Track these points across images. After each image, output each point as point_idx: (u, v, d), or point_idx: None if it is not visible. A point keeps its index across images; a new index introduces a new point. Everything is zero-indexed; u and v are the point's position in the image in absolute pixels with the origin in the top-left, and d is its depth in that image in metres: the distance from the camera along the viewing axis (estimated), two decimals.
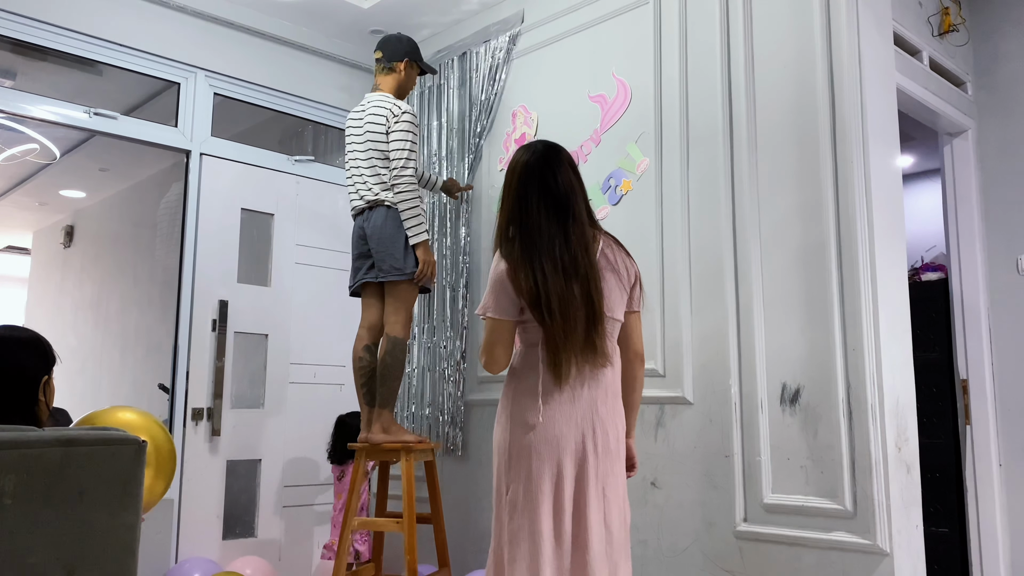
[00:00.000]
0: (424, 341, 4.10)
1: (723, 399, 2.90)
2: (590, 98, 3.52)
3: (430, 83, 4.29)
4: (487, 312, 2.20)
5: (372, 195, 3.30)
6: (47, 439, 1.58)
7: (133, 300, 5.63)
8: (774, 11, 2.95)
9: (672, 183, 3.16)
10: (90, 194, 6.45)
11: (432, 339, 4.06)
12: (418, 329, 4.12)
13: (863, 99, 2.74)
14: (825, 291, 2.70)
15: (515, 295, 2.15)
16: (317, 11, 4.12)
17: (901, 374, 2.70)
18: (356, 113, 3.43)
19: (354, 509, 3.22)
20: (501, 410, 2.25)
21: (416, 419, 4.07)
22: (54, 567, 1.54)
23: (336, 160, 4.60)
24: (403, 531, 3.08)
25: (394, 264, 3.25)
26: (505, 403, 2.24)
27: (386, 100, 3.33)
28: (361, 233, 3.35)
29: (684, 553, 2.94)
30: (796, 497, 2.70)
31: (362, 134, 3.34)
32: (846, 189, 2.69)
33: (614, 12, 3.46)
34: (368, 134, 3.32)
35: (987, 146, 3.76)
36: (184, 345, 3.80)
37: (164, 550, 3.60)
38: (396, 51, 3.45)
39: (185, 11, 3.89)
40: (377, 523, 3.28)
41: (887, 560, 2.49)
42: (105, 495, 1.62)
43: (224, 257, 3.96)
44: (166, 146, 3.89)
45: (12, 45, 3.51)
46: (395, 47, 3.46)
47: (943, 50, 3.60)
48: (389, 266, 3.25)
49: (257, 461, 3.99)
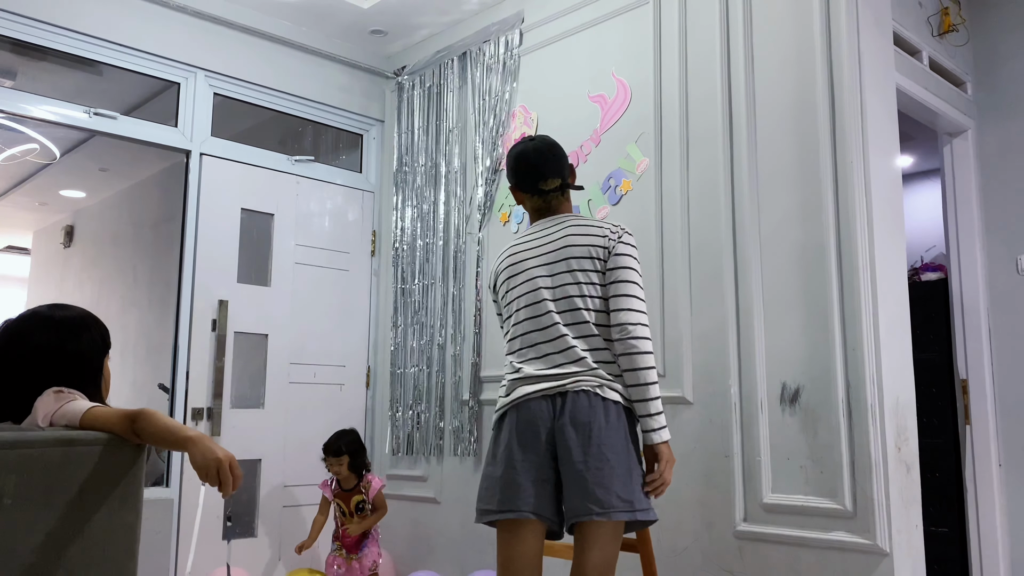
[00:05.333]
0: (439, 342, 4.10)
1: (723, 399, 2.90)
2: (590, 98, 3.52)
3: (430, 83, 4.29)
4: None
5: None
6: (47, 439, 1.58)
7: (133, 300, 5.63)
8: (774, 11, 2.95)
9: (672, 183, 3.16)
10: (90, 194, 6.44)
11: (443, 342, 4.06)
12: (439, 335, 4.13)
13: (863, 99, 2.74)
14: (825, 291, 2.70)
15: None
16: (317, 11, 4.12)
17: (901, 374, 2.70)
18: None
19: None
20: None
21: (423, 421, 4.08)
22: (54, 567, 1.54)
23: (336, 160, 4.60)
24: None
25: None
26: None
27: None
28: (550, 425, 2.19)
29: (684, 553, 2.94)
30: (796, 497, 2.70)
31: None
32: (846, 189, 2.69)
33: (614, 12, 3.45)
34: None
35: (987, 146, 3.76)
36: (184, 345, 3.80)
37: (164, 550, 3.60)
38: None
39: (185, 11, 3.89)
40: (553, 548, 2.40)
41: (887, 560, 2.49)
42: (105, 495, 1.62)
43: (224, 257, 3.96)
44: (166, 146, 3.89)
45: (12, 45, 3.51)
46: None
47: (943, 50, 3.60)
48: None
49: (257, 461, 3.99)
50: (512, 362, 2.28)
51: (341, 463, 3.64)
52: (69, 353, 1.80)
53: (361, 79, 4.53)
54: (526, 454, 2.13)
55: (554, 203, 2.39)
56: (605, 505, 2.05)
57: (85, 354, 1.83)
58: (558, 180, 2.36)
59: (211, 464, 1.57)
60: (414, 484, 4.07)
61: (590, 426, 2.10)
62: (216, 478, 1.58)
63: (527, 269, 2.32)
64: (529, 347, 2.25)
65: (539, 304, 2.26)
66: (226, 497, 1.63)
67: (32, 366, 1.77)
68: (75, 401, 1.70)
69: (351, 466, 3.65)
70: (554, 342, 2.21)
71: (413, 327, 4.16)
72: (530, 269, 2.31)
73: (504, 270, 2.40)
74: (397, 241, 4.31)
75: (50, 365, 1.78)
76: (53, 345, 1.79)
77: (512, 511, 2.11)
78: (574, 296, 2.23)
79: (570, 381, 2.15)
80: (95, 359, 1.86)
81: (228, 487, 1.58)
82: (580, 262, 2.25)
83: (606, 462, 2.07)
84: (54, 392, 1.72)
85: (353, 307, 4.43)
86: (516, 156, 2.41)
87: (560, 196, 2.39)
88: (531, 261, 2.33)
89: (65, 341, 1.81)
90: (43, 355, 1.78)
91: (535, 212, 2.42)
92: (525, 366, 2.23)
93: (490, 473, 2.20)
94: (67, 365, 1.80)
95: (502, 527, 2.15)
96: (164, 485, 3.66)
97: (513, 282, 2.34)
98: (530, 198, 2.39)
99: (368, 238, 4.50)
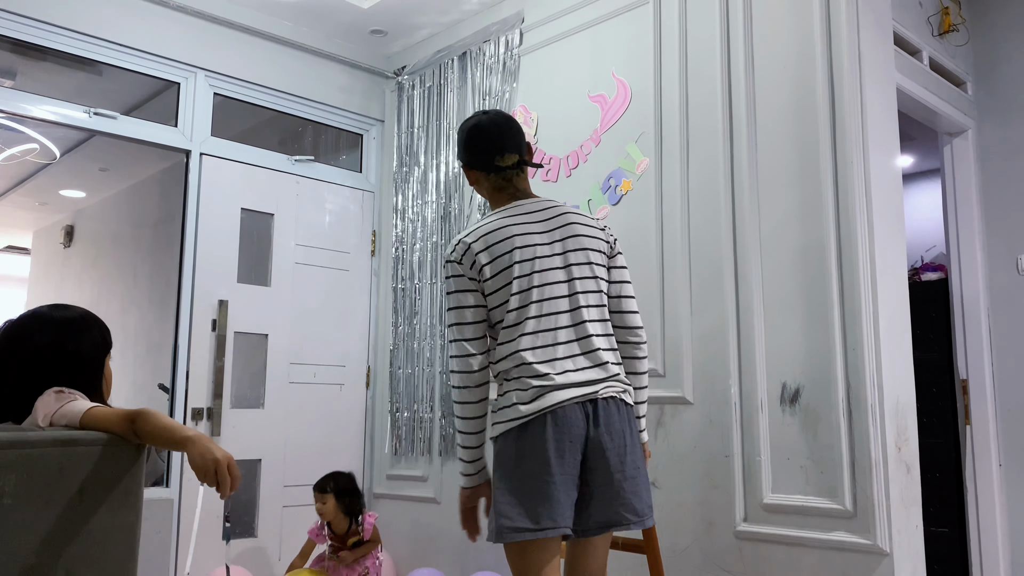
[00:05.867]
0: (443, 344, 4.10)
1: (723, 399, 2.90)
2: (590, 98, 3.52)
3: (430, 83, 4.29)
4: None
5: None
6: (47, 439, 1.58)
7: (133, 300, 5.63)
8: (774, 11, 2.95)
9: (672, 183, 3.16)
10: (90, 194, 6.44)
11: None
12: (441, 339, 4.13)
13: (863, 99, 2.74)
14: (825, 291, 2.70)
15: None
16: (317, 11, 4.12)
17: (901, 374, 2.70)
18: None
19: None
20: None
21: (424, 422, 4.08)
22: (54, 567, 1.54)
23: (336, 160, 4.60)
24: None
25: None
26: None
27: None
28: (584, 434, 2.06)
29: (684, 553, 2.94)
30: (796, 497, 2.70)
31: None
32: (846, 189, 2.69)
33: (614, 12, 3.45)
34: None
35: (987, 146, 3.76)
36: (184, 345, 3.80)
37: (164, 550, 3.60)
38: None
39: (185, 11, 3.89)
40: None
41: (887, 560, 2.49)
42: (105, 495, 1.62)
43: (224, 257, 3.96)
44: (166, 146, 3.89)
45: (12, 45, 3.51)
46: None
47: (943, 50, 3.60)
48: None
49: (257, 461, 3.99)
50: (530, 362, 2.03)
51: (324, 501, 3.51)
52: (69, 353, 1.80)
53: (361, 79, 4.53)
54: (564, 466, 1.97)
55: (517, 182, 2.20)
56: (640, 513, 2.03)
57: (85, 354, 1.83)
58: (515, 156, 2.17)
59: (209, 465, 1.57)
60: (414, 484, 4.07)
61: (624, 435, 2.04)
62: (214, 479, 1.57)
63: (537, 257, 2.08)
64: (551, 345, 2.05)
65: (561, 299, 2.08)
66: (224, 498, 1.63)
67: (32, 366, 1.77)
68: (75, 401, 1.70)
69: (338, 508, 3.52)
70: (581, 342, 2.07)
71: (413, 327, 4.16)
72: (542, 258, 2.09)
73: (494, 248, 2.08)
74: (397, 241, 4.31)
75: (50, 365, 1.78)
76: (53, 345, 1.79)
77: (552, 528, 1.95)
78: (593, 292, 2.11)
79: (602, 387, 2.04)
80: (95, 359, 1.86)
81: (226, 488, 1.58)
82: (595, 255, 2.13)
83: (639, 470, 2.05)
84: (54, 392, 1.72)
85: (353, 307, 4.43)
86: (469, 130, 2.21)
87: (519, 174, 2.20)
88: (539, 248, 2.09)
89: (65, 341, 1.81)
90: (44, 355, 1.78)
91: (496, 192, 2.20)
92: (549, 368, 2.03)
93: (518, 487, 1.98)
94: (67, 365, 1.79)
95: (534, 544, 1.98)
96: (164, 485, 3.66)
97: (520, 268, 2.07)
98: (486, 176, 2.19)
99: (368, 238, 4.50)
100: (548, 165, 3.64)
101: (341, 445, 4.28)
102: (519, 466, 1.99)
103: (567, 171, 3.56)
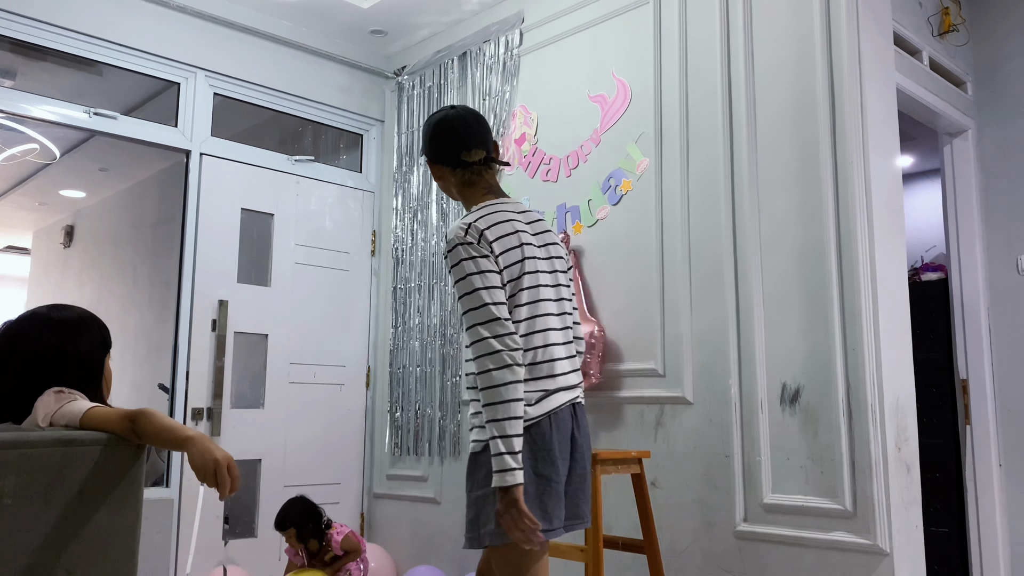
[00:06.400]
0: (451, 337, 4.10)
1: (723, 399, 2.90)
2: (590, 98, 3.52)
3: (430, 83, 4.29)
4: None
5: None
6: (47, 439, 1.58)
7: (133, 300, 5.63)
8: (774, 11, 2.95)
9: (672, 183, 3.16)
10: (90, 194, 6.44)
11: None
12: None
13: (863, 99, 2.74)
14: (825, 291, 2.70)
15: None
16: (317, 11, 4.12)
17: (901, 374, 2.70)
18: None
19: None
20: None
21: (429, 421, 4.08)
22: (54, 567, 1.54)
23: (336, 160, 4.60)
24: (586, 560, 2.42)
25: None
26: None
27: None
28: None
29: (684, 553, 2.94)
30: (796, 497, 2.70)
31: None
32: (846, 189, 2.69)
33: (614, 12, 3.45)
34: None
35: (987, 146, 3.76)
36: (184, 345, 3.80)
37: (164, 550, 3.60)
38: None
39: (185, 11, 3.89)
40: (559, 548, 2.50)
41: (887, 560, 2.49)
42: (105, 495, 1.62)
43: (224, 257, 3.96)
44: (166, 146, 3.89)
45: (12, 45, 3.51)
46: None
47: (943, 50, 3.60)
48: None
49: (257, 461, 3.99)
50: (539, 361, 2.01)
51: (288, 536, 3.52)
52: (69, 353, 1.80)
53: (361, 79, 4.53)
54: (564, 466, 2.01)
55: (488, 177, 2.15)
56: (587, 514, 2.12)
57: (85, 354, 1.83)
58: (482, 152, 2.12)
59: (209, 465, 1.57)
60: (414, 484, 4.07)
61: (588, 437, 2.14)
62: (214, 479, 1.57)
63: (537, 258, 2.08)
64: (551, 345, 2.05)
65: (551, 302, 2.08)
66: (223, 499, 1.63)
67: (32, 366, 1.77)
68: (75, 401, 1.70)
69: (299, 536, 3.50)
70: (567, 346, 2.10)
71: (413, 327, 4.16)
72: (538, 259, 2.09)
73: (504, 240, 2.03)
74: (397, 241, 4.31)
75: (50, 365, 1.78)
76: (53, 345, 1.79)
77: (560, 527, 2.00)
78: (568, 299, 2.17)
79: (579, 391, 2.12)
80: (95, 359, 1.86)
81: (225, 489, 1.58)
82: (563, 264, 2.18)
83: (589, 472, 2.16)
84: (54, 392, 1.72)
85: (353, 307, 4.43)
86: (435, 124, 2.15)
87: (487, 171, 2.14)
88: (537, 249, 2.09)
89: (65, 341, 1.81)
90: (43, 355, 1.78)
91: (466, 187, 2.15)
92: (550, 369, 2.03)
93: (532, 488, 1.93)
94: (67, 365, 1.79)
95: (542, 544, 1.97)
96: (164, 485, 3.66)
97: (532, 265, 2.05)
98: (451, 172, 2.14)
99: (368, 238, 4.50)
100: (548, 165, 3.64)
101: (341, 445, 4.28)
102: (532, 467, 1.95)
103: (567, 171, 3.56)
